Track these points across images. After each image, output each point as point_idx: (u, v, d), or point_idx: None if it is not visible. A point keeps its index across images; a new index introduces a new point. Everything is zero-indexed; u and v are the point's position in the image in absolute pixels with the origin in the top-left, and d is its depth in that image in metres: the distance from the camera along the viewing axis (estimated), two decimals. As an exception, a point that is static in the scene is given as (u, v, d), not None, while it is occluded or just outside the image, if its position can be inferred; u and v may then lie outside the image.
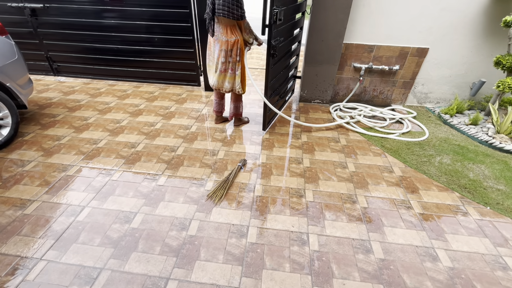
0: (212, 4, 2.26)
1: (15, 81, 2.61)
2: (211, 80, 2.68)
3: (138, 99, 3.64)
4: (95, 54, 4.03)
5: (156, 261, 1.59)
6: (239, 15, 2.25)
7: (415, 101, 3.68)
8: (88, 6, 3.64)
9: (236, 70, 2.53)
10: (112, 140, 2.72)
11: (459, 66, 3.32)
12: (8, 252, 1.60)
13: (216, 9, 2.26)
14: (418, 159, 2.58)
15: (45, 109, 3.29)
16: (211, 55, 2.55)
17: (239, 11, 2.24)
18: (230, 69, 2.52)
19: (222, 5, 2.21)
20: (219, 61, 2.48)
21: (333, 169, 2.43)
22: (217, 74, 2.57)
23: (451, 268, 1.62)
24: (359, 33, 3.20)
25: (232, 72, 2.54)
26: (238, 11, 2.23)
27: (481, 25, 3.03)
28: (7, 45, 2.59)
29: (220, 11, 2.23)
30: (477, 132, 2.95)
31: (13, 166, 2.32)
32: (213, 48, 2.49)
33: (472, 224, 1.92)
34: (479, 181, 2.31)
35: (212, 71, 2.62)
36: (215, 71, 2.58)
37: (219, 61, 2.49)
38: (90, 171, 2.29)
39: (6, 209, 1.89)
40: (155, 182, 2.19)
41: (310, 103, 3.70)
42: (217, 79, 2.60)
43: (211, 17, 2.33)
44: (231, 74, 2.54)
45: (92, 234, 1.74)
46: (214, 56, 2.51)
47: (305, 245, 1.73)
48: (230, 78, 2.57)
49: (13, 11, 3.75)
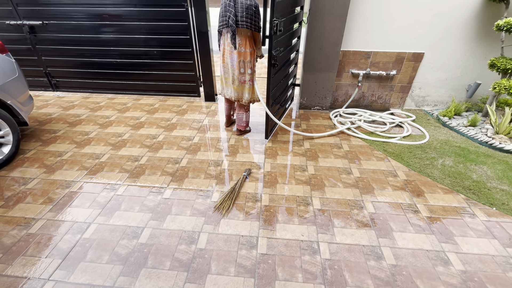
0: (235, 16, 2.31)
1: (16, 99, 2.60)
2: (228, 92, 2.73)
3: (139, 112, 3.64)
4: (94, 68, 4.04)
5: (167, 277, 1.57)
6: (259, 26, 2.37)
7: (413, 105, 3.73)
8: (86, 22, 3.67)
9: (254, 80, 2.63)
10: (114, 154, 2.70)
11: (454, 69, 3.39)
12: (15, 274, 1.57)
13: (239, 20, 2.32)
14: (421, 162, 2.61)
15: (45, 125, 3.27)
16: (226, 67, 2.59)
17: (259, 22, 2.35)
18: (249, 80, 2.60)
19: (245, 16, 2.29)
20: (238, 72, 2.55)
21: (338, 175, 2.44)
22: (235, 85, 2.63)
23: (463, 271, 1.62)
24: (356, 40, 3.27)
25: (251, 83, 2.62)
26: (259, 22, 2.34)
27: (474, 29, 3.12)
28: (7, 63, 2.59)
29: (244, 22, 2.31)
30: (477, 133, 3.00)
31: (15, 184, 2.29)
32: (229, 60, 2.54)
33: (480, 226, 1.93)
34: (482, 182, 2.33)
35: (229, 83, 2.67)
36: (232, 83, 2.63)
37: (236, 72, 2.55)
38: (94, 187, 2.27)
39: (10, 229, 1.86)
40: (160, 195, 2.17)
41: (310, 110, 3.73)
42: (236, 91, 2.66)
43: (234, 28, 2.35)
44: (250, 85, 2.63)
45: (99, 251, 1.71)
46: (230, 67, 2.56)
47: (316, 254, 1.71)
48: (249, 89, 2.65)
49: (11, 28, 3.77)
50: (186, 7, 3.41)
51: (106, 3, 3.52)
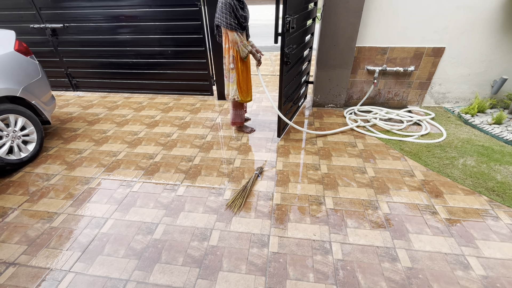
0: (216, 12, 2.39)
1: (40, 99, 2.73)
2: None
3: (154, 111, 3.73)
4: (111, 68, 4.18)
5: (180, 272, 1.60)
6: (228, 23, 2.31)
7: (433, 102, 3.58)
8: (104, 23, 3.79)
9: (230, 77, 2.59)
10: (130, 152, 2.79)
11: (478, 64, 3.22)
12: (39, 265, 1.66)
13: (216, 16, 2.38)
14: (440, 162, 2.50)
15: (66, 123, 3.42)
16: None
17: (228, 19, 2.29)
18: (225, 76, 2.65)
19: (217, 12, 2.35)
20: (224, 67, 2.62)
21: (352, 174, 2.39)
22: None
23: (484, 276, 1.54)
24: (371, 36, 3.17)
25: (226, 79, 2.64)
26: (227, 19, 2.29)
27: (500, 21, 2.94)
28: (31, 65, 2.72)
29: (217, 18, 2.37)
30: (502, 131, 2.83)
31: (39, 180, 2.41)
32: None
33: (504, 229, 1.83)
34: (508, 183, 2.20)
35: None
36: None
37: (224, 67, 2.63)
38: (111, 183, 2.35)
39: (35, 222, 1.96)
40: (174, 193, 2.22)
41: (324, 108, 3.67)
42: (225, 86, 2.72)
43: (216, 24, 2.45)
44: (226, 81, 2.65)
45: (116, 245, 1.78)
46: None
47: (328, 254, 1.69)
48: (227, 85, 2.67)
49: (35, 32, 3.95)
50: (199, 6, 3.44)
51: (122, 5, 3.61)
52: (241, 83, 2.62)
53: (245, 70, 2.60)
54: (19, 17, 3.88)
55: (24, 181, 2.40)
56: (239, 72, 2.56)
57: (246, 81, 2.65)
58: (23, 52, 2.67)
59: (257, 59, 2.63)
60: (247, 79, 2.66)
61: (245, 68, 2.60)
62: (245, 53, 2.45)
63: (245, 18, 2.40)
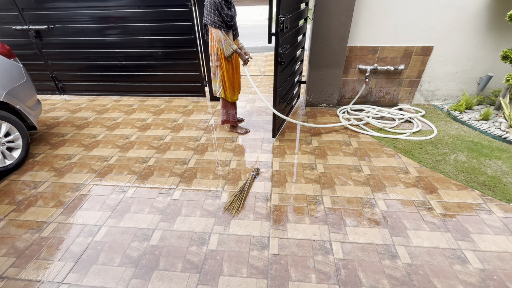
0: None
1: (25, 103, 2.62)
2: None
3: (145, 113, 3.65)
4: (99, 71, 4.06)
5: (179, 279, 1.56)
6: (212, 21, 2.33)
7: (422, 99, 3.66)
8: (91, 24, 3.68)
9: (217, 74, 2.62)
10: (122, 156, 2.71)
11: (465, 62, 3.31)
12: (29, 278, 1.58)
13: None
14: (433, 158, 2.55)
15: (53, 128, 3.30)
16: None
17: (212, 17, 2.31)
18: (212, 73, 2.66)
19: (204, 10, 2.38)
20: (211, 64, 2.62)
21: (348, 173, 2.40)
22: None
23: (482, 269, 1.57)
24: (362, 35, 3.21)
25: (214, 76, 2.66)
26: (212, 17, 2.31)
27: (485, 20, 3.03)
28: (15, 68, 2.61)
29: (204, 16, 2.39)
30: (489, 127, 2.92)
31: (26, 188, 2.31)
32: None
33: (497, 222, 1.87)
34: (498, 177, 2.27)
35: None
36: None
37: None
38: (104, 189, 2.27)
39: (23, 233, 1.87)
40: (170, 197, 2.17)
41: (317, 107, 3.69)
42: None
43: (204, 22, 2.47)
44: (213, 77, 2.67)
45: (111, 254, 1.71)
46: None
47: (329, 253, 1.69)
48: (213, 81, 2.69)
49: (18, 34, 3.80)
50: (190, 6, 3.39)
51: (110, 5, 3.52)
52: (226, 81, 2.64)
53: (230, 69, 2.61)
54: (0, 18, 3.72)
55: (10, 190, 2.29)
56: (224, 71, 2.58)
57: (231, 80, 2.66)
58: (6, 54, 2.56)
59: (243, 60, 2.63)
60: (233, 78, 2.67)
61: (231, 67, 2.61)
62: (229, 52, 2.45)
63: (231, 17, 2.41)
